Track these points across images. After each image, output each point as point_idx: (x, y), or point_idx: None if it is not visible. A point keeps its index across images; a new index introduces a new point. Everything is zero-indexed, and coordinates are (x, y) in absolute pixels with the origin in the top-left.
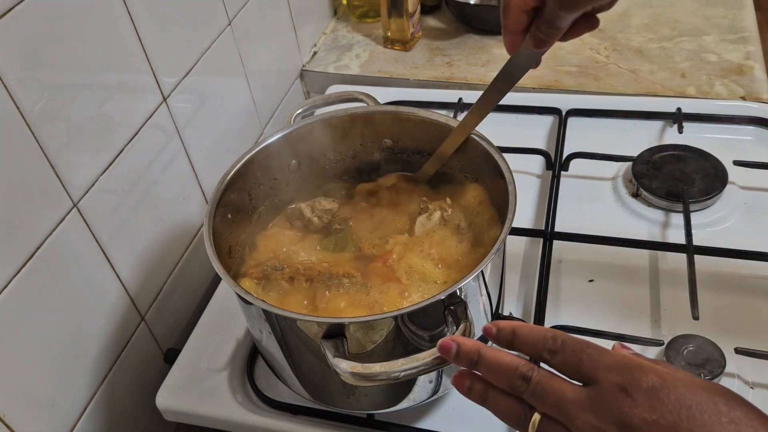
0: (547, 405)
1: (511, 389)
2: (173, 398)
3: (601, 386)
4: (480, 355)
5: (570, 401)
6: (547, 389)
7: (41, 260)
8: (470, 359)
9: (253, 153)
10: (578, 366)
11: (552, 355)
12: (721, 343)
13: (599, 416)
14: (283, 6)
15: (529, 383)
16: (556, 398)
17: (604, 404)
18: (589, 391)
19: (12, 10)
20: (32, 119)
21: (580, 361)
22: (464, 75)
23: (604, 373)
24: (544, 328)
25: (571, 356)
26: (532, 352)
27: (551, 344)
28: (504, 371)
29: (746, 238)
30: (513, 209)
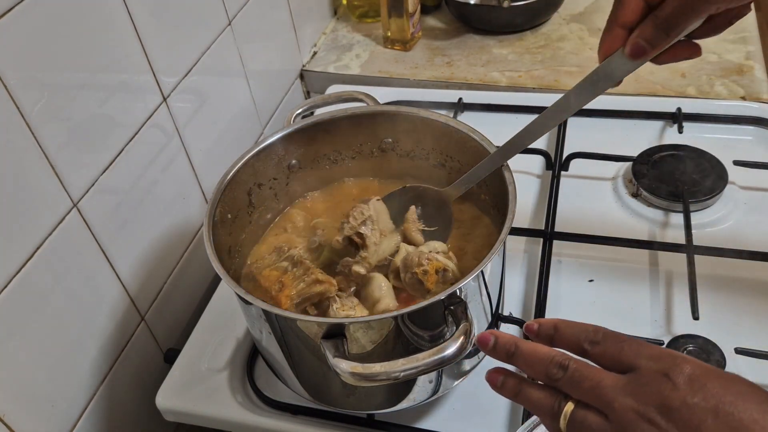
0: (585, 390)
1: (547, 377)
2: (173, 398)
3: (642, 372)
4: (517, 346)
5: (609, 386)
6: (585, 374)
7: (41, 260)
8: (507, 350)
9: (253, 153)
10: (619, 355)
11: (593, 345)
12: (721, 343)
13: (639, 399)
14: (283, 6)
15: (567, 370)
16: (594, 382)
17: (645, 387)
18: (628, 377)
19: (12, 10)
20: (32, 119)
21: (621, 350)
22: (464, 75)
23: (645, 360)
24: (584, 323)
25: (611, 346)
26: (572, 344)
27: (592, 335)
28: (541, 360)
29: (746, 238)
30: (513, 209)
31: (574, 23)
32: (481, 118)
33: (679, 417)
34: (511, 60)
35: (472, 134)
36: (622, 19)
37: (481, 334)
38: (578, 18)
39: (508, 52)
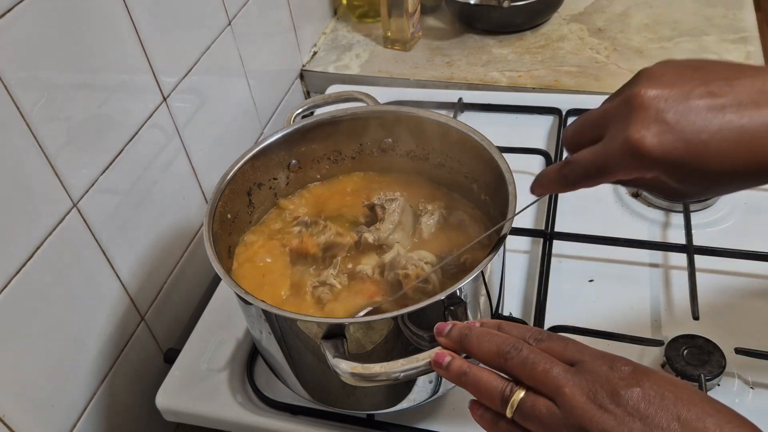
0: (536, 375)
1: (498, 355)
2: (173, 398)
3: (588, 365)
4: (470, 329)
5: (559, 372)
6: (537, 359)
7: (41, 260)
8: (461, 333)
9: (253, 153)
10: (563, 350)
11: (537, 342)
12: (721, 343)
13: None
14: (283, 6)
15: (519, 352)
16: (546, 367)
17: (593, 375)
18: (576, 367)
19: (12, 10)
20: (32, 119)
21: (566, 346)
22: (464, 75)
23: (590, 356)
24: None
25: (556, 343)
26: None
27: (537, 334)
28: (495, 340)
29: (746, 238)
30: (513, 209)
31: (574, 23)
32: (481, 118)
33: (627, 400)
34: (511, 60)
35: (472, 134)
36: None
37: (439, 324)
38: (578, 18)
39: (508, 52)
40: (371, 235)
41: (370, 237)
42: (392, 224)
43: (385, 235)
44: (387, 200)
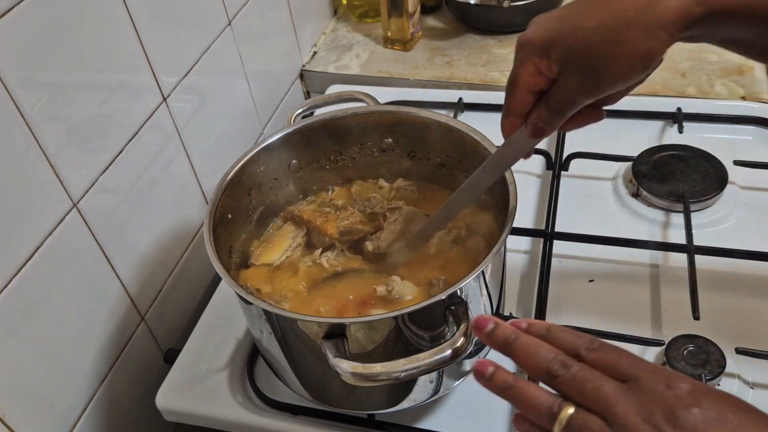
0: (586, 393)
1: (548, 373)
2: (173, 398)
3: (642, 381)
4: (518, 335)
5: (610, 389)
6: (588, 376)
7: (41, 260)
8: (506, 337)
9: (253, 153)
10: (616, 363)
11: (589, 352)
12: (721, 343)
13: (643, 404)
14: (283, 6)
15: (569, 369)
16: (597, 385)
17: (648, 394)
18: (629, 384)
19: (12, 10)
20: (32, 119)
21: (619, 359)
22: (464, 75)
23: (645, 372)
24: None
25: (609, 354)
26: (567, 348)
27: (589, 343)
28: (543, 354)
29: (746, 238)
30: (513, 209)
31: None
32: (481, 118)
33: (684, 422)
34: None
35: (472, 134)
36: (515, 110)
37: (480, 317)
38: None
39: (508, 52)
40: (370, 244)
41: (369, 245)
42: (392, 234)
43: (384, 244)
44: (389, 209)
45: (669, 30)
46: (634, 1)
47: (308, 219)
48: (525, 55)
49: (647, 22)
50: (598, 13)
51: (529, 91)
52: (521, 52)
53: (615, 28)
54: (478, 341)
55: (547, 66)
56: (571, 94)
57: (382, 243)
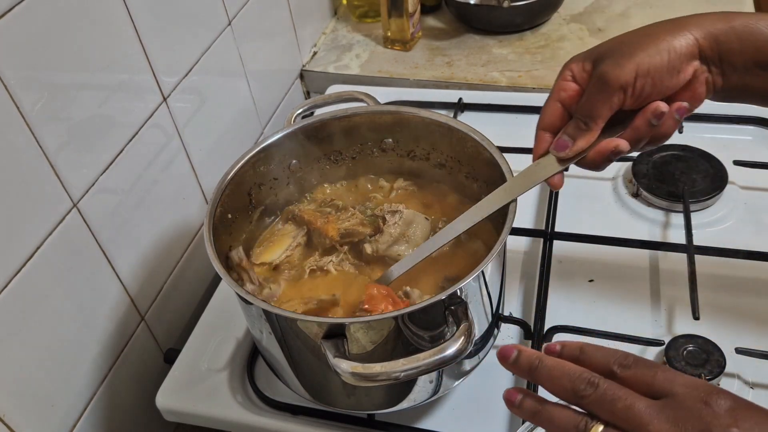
0: (617, 411)
1: (574, 394)
2: (173, 398)
3: (679, 398)
4: (541, 360)
5: (644, 408)
6: (618, 395)
7: (41, 260)
8: (531, 364)
9: (253, 153)
10: (652, 379)
11: (623, 369)
12: (721, 343)
13: (678, 424)
14: (283, 6)
15: (596, 388)
16: (628, 403)
17: (684, 413)
18: (664, 401)
19: (12, 10)
20: (32, 119)
21: (655, 375)
22: (464, 75)
23: (681, 388)
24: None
25: (644, 370)
26: (600, 366)
27: (622, 359)
28: (567, 375)
29: (746, 238)
30: (513, 209)
31: (574, 23)
32: (481, 118)
33: None
34: (511, 60)
35: (472, 134)
36: (545, 124)
37: (504, 347)
38: (578, 18)
39: (508, 52)
40: (369, 246)
41: (368, 248)
42: (391, 237)
43: (383, 247)
44: (389, 212)
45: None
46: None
47: (309, 219)
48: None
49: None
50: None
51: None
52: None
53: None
54: (477, 341)
55: (582, 67)
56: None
57: (380, 246)
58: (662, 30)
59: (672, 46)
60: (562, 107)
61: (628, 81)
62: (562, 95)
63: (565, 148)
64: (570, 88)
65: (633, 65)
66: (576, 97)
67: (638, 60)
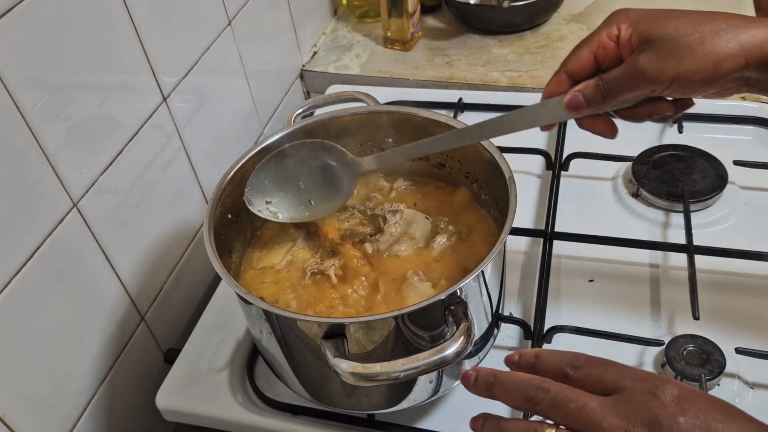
0: (570, 413)
1: (527, 402)
2: (173, 398)
3: (628, 391)
4: (495, 376)
5: (595, 406)
6: (570, 396)
7: (41, 260)
8: (486, 382)
9: (253, 153)
10: (603, 376)
11: (575, 370)
12: (721, 343)
13: (628, 417)
14: (283, 6)
15: (547, 393)
16: (580, 404)
17: (633, 405)
18: (614, 397)
19: (12, 10)
20: (32, 119)
21: (605, 372)
22: (464, 75)
23: (631, 381)
24: (566, 351)
25: (594, 368)
26: (554, 370)
27: (574, 360)
28: (519, 385)
29: (746, 238)
30: (513, 209)
31: (574, 23)
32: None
33: None
34: (511, 60)
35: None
36: (570, 68)
37: (465, 372)
38: (578, 18)
39: (508, 52)
40: (370, 246)
41: (369, 248)
42: (392, 236)
43: (384, 246)
44: (390, 211)
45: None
46: (730, 17)
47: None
48: (615, 18)
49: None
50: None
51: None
52: (613, 16)
53: (705, 30)
54: (477, 341)
55: (629, 36)
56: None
57: (381, 246)
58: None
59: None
60: (594, 59)
61: (663, 83)
62: (599, 50)
63: (578, 107)
64: (609, 46)
65: (675, 71)
66: (611, 58)
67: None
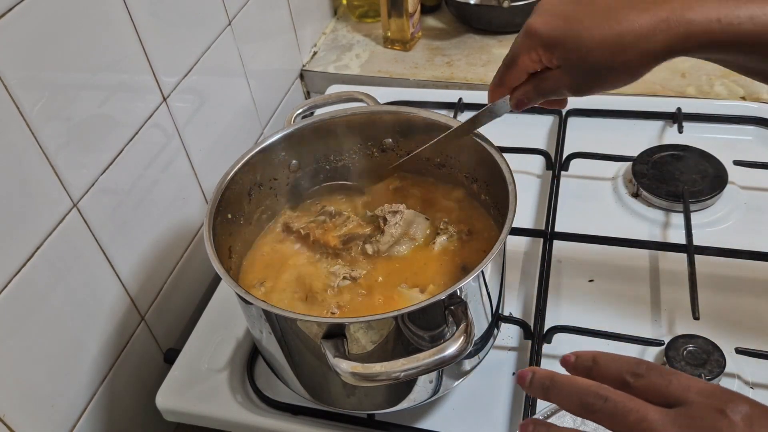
0: (629, 423)
1: (584, 409)
2: (173, 398)
3: (694, 406)
4: (553, 380)
5: (657, 419)
6: (630, 406)
7: (41, 260)
8: (543, 384)
9: (253, 153)
10: (666, 388)
11: (636, 378)
12: (721, 343)
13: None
14: (283, 6)
15: (606, 401)
16: (640, 415)
17: (697, 422)
18: (677, 410)
19: (12, 10)
20: (32, 119)
21: (669, 383)
22: (464, 75)
23: (696, 395)
24: (625, 356)
25: (657, 379)
26: (613, 377)
27: (635, 367)
28: (576, 391)
29: (746, 238)
30: (513, 209)
31: None
32: None
33: None
34: None
35: (472, 134)
36: (508, 84)
37: (521, 371)
38: None
39: None
40: (370, 247)
41: (369, 249)
42: (392, 237)
43: (384, 247)
44: (390, 212)
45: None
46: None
47: (306, 233)
48: (531, 43)
49: (642, 51)
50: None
51: (526, 71)
52: (528, 39)
53: (615, 50)
54: (477, 341)
55: (549, 59)
56: (562, 87)
57: (382, 246)
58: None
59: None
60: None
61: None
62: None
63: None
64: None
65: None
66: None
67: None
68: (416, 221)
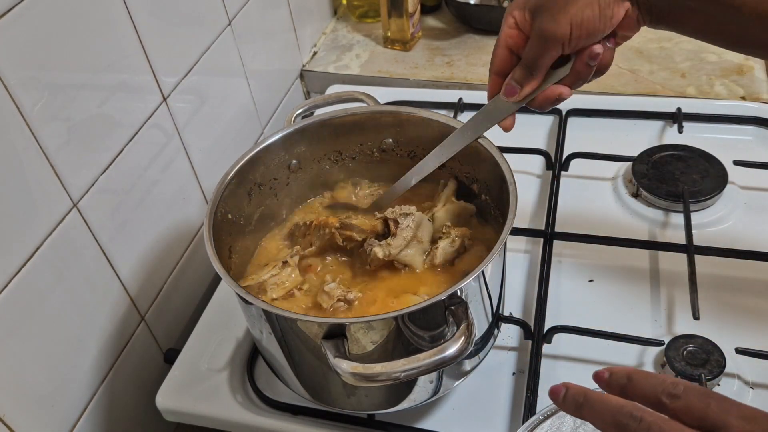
0: None
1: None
2: (173, 398)
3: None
4: (586, 397)
5: None
6: (665, 429)
7: (41, 260)
8: (576, 401)
9: (253, 153)
10: (705, 411)
11: (673, 399)
12: (721, 343)
13: None
14: (283, 6)
15: (641, 422)
16: None
17: None
18: None
19: (12, 10)
20: (32, 119)
21: (708, 406)
22: (464, 75)
23: (737, 420)
24: (661, 374)
25: (696, 401)
26: (648, 396)
27: (671, 388)
28: (610, 409)
29: (746, 238)
30: (514, 209)
31: None
32: None
33: None
34: None
35: None
36: (496, 69)
37: (554, 386)
38: None
39: None
40: (381, 250)
41: (380, 252)
42: (404, 240)
43: (396, 251)
44: (401, 215)
45: None
46: None
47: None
48: (509, 10)
49: None
50: None
51: (508, 48)
52: (508, 8)
53: None
54: (477, 341)
55: (523, 16)
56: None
57: (393, 250)
58: None
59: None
60: (509, 52)
61: (564, 34)
62: (509, 42)
63: (513, 93)
64: (515, 35)
65: (567, 19)
66: (521, 42)
67: (572, 14)
68: (423, 223)
